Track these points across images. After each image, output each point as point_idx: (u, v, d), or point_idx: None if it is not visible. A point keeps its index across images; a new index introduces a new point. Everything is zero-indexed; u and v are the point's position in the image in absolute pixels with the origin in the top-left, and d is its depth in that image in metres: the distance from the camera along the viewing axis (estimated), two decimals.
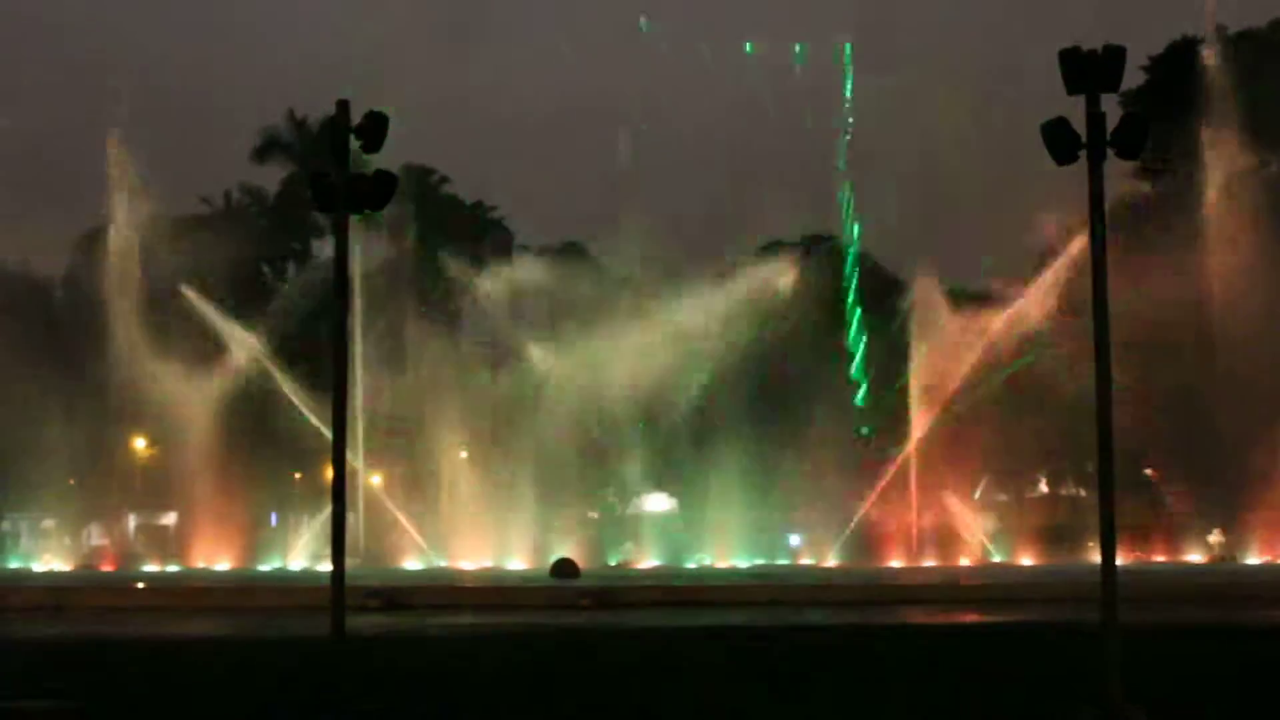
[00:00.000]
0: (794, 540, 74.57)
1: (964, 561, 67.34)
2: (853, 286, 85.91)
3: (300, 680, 23.83)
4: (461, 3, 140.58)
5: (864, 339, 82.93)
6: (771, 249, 78.65)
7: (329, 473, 35.51)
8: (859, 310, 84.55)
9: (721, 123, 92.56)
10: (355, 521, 69.26)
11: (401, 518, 70.47)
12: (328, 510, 68.68)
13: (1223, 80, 68.00)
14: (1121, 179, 68.19)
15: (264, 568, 67.77)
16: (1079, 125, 20.40)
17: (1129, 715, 18.68)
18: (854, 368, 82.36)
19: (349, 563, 25.48)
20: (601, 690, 23.00)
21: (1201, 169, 68.09)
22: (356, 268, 66.38)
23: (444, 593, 48.28)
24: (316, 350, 62.90)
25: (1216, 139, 67.22)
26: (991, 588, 48.46)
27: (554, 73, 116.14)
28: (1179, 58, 75.03)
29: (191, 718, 20.59)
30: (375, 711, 19.99)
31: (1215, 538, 71.17)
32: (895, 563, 67.58)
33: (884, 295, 78.30)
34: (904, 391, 72.50)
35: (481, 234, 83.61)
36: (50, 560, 73.66)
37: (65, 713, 20.77)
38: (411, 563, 67.77)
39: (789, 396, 71.26)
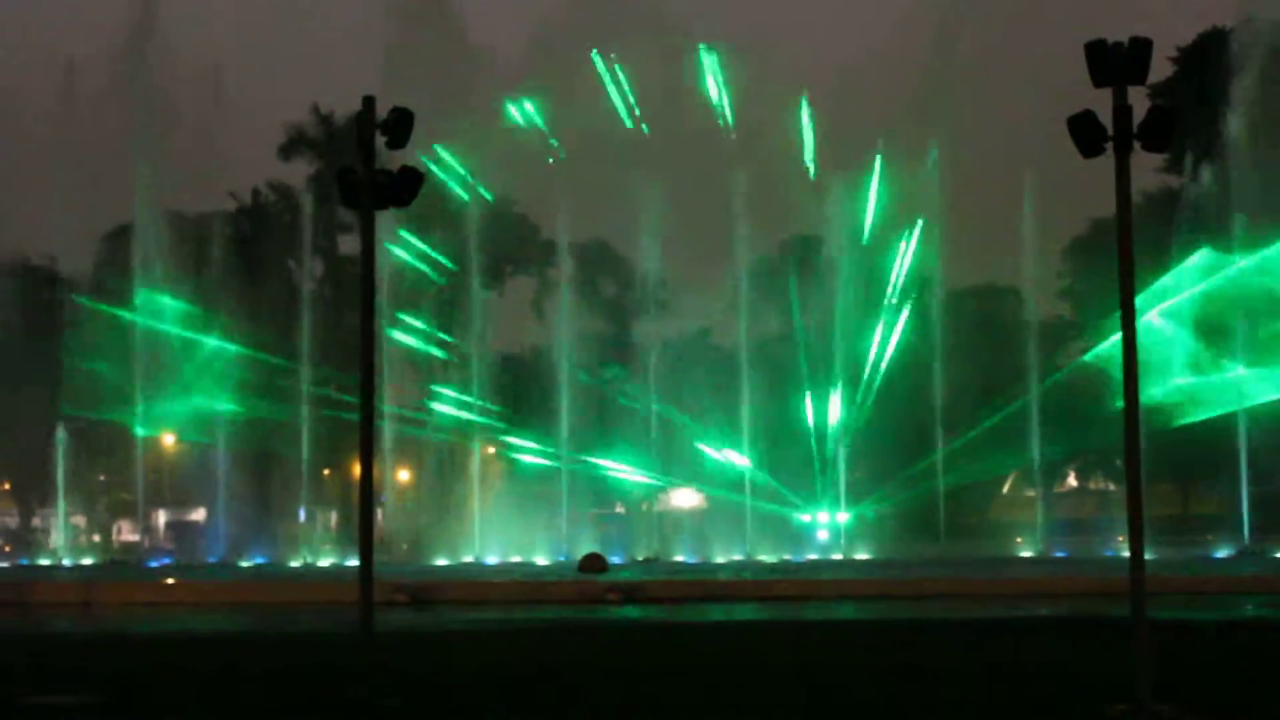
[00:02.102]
0: (821, 535, 74.32)
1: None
2: None
3: (325, 677, 23.81)
4: None
5: None
6: None
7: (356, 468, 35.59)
8: None
9: None
10: (379, 517, 69.27)
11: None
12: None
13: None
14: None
15: (293, 563, 67.86)
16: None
17: (1158, 711, 18.56)
18: None
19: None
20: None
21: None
22: None
23: (472, 588, 48.26)
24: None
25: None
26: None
27: None
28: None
29: (211, 713, 20.61)
30: (399, 708, 19.99)
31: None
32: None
33: None
34: None
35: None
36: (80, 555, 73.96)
37: (90, 707, 20.83)
38: (438, 558, 67.72)
39: None
